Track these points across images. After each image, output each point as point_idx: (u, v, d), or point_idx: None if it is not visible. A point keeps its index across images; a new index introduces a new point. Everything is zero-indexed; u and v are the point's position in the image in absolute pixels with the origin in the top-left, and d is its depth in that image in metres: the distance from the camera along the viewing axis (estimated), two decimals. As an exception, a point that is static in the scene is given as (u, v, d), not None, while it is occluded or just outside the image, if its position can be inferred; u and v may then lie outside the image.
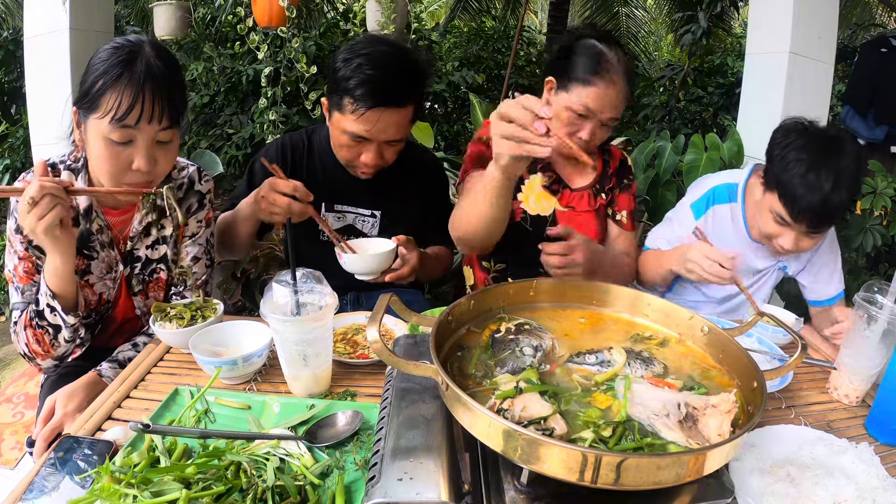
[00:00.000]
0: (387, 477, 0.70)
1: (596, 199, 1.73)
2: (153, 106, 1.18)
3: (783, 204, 1.50)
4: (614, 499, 0.71)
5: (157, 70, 1.20)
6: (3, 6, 5.99)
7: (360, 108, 1.44)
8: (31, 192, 1.07)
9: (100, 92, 1.17)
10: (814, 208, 1.45)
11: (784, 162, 1.49)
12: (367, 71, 1.43)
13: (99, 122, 1.18)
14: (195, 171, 1.48)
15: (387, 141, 1.52)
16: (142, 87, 1.17)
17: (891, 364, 1.05)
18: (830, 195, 1.43)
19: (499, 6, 8.44)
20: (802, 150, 1.48)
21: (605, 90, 1.49)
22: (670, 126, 4.31)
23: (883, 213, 2.53)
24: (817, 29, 2.70)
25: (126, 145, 1.20)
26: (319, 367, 1.07)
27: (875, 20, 8.81)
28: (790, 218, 1.50)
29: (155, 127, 1.21)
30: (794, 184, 1.46)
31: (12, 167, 3.85)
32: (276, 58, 3.20)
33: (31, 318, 1.25)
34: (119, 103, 1.16)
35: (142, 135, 1.20)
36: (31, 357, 1.30)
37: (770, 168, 1.55)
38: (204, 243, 1.48)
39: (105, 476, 0.79)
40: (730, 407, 0.76)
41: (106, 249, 1.37)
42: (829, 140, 1.49)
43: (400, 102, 1.47)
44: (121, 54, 1.19)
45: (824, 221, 1.51)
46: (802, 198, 1.45)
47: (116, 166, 1.22)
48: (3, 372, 2.78)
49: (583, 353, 0.91)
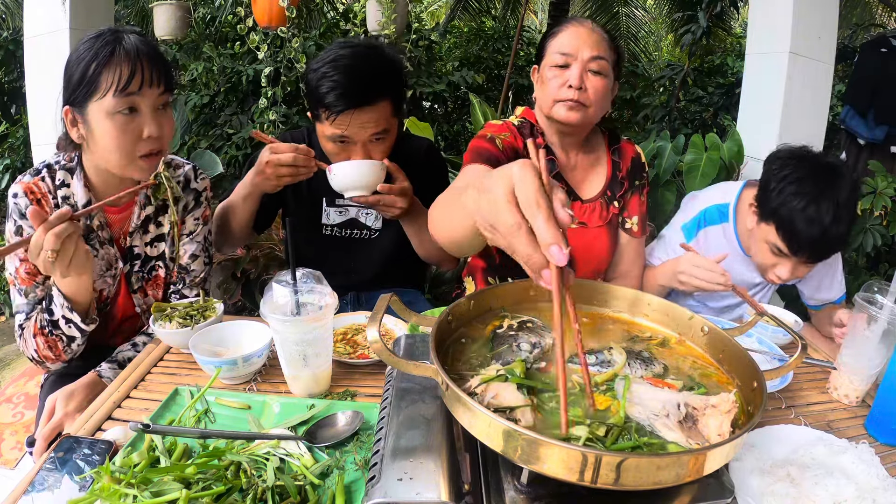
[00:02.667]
0: (387, 477, 0.70)
1: (608, 208, 1.65)
2: (151, 71, 1.24)
3: (781, 237, 1.47)
4: (614, 499, 0.70)
5: (144, 43, 1.27)
6: (3, 6, 5.99)
7: (332, 113, 1.47)
8: (50, 245, 1.05)
9: (96, 73, 1.21)
10: (814, 242, 1.43)
11: (781, 195, 1.46)
12: (333, 77, 1.47)
13: (101, 103, 1.21)
14: (191, 170, 1.49)
15: (370, 139, 1.53)
16: (138, 57, 1.23)
17: (891, 364, 1.05)
18: (830, 228, 1.40)
19: (499, 6, 8.44)
20: (800, 183, 1.44)
21: (575, 29, 1.48)
22: (670, 126, 4.31)
23: (883, 213, 2.53)
24: (817, 29, 2.70)
25: (132, 115, 1.24)
26: (319, 367, 1.07)
27: (875, 20, 8.81)
28: (789, 251, 1.47)
29: (155, 91, 1.26)
30: (793, 218, 1.43)
31: (12, 167, 3.85)
32: (276, 58, 3.20)
33: (43, 327, 1.25)
34: (119, 75, 1.21)
35: (145, 101, 1.25)
36: (40, 361, 1.31)
37: (766, 200, 1.51)
38: (202, 241, 1.49)
39: (105, 476, 0.79)
40: (729, 407, 0.76)
41: (105, 246, 1.37)
42: (825, 170, 1.46)
43: (369, 100, 1.48)
44: (104, 38, 1.24)
45: (824, 254, 1.49)
46: (802, 232, 1.42)
47: (127, 140, 1.25)
48: (3, 372, 2.78)
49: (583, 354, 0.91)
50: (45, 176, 1.33)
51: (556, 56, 1.47)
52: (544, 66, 1.52)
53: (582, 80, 1.45)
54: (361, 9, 3.65)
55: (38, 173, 1.33)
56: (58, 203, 1.33)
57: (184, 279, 1.47)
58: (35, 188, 1.31)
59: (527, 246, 0.63)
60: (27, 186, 1.31)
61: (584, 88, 1.46)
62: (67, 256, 1.09)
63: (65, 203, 1.33)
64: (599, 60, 1.46)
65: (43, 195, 1.32)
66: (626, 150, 1.70)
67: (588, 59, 1.45)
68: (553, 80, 1.48)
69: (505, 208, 0.64)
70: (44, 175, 1.33)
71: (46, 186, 1.32)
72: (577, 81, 1.45)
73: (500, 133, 1.51)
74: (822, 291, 1.78)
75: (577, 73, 1.45)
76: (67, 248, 1.08)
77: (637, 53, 8.08)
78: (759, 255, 1.58)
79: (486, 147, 1.46)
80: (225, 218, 1.63)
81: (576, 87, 1.45)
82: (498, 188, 0.65)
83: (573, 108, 1.47)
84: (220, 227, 1.65)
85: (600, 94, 1.49)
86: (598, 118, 1.56)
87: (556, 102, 1.49)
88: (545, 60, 1.52)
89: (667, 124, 4.34)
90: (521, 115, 1.64)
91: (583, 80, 1.46)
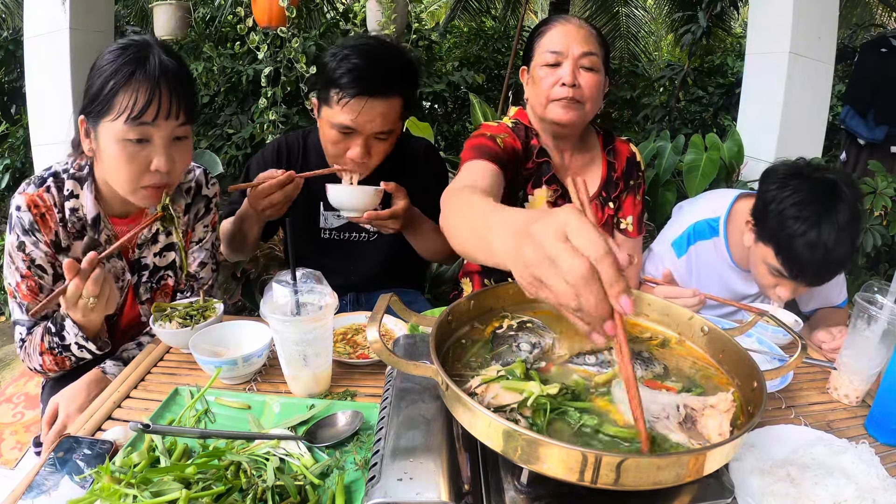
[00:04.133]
0: (387, 477, 0.70)
1: (604, 209, 1.64)
2: (170, 101, 1.16)
3: (781, 262, 1.43)
4: (614, 499, 0.70)
5: (171, 66, 1.17)
6: (3, 6, 5.99)
7: (345, 96, 1.44)
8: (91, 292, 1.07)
9: (112, 93, 1.13)
10: (816, 267, 1.38)
11: (781, 218, 1.40)
12: (353, 60, 1.45)
13: (112, 125, 1.14)
14: (202, 175, 1.46)
15: (374, 135, 1.51)
16: (157, 84, 1.14)
17: (891, 364, 1.05)
18: (833, 252, 1.35)
19: (499, 6, 8.44)
20: (801, 206, 1.38)
21: (563, 27, 1.47)
22: (670, 126, 4.31)
23: (883, 213, 2.53)
24: (817, 29, 2.70)
25: (143, 145, 1.17)
26: (319, 367, 1.07)
27: (875, 20, 8.81)
28: (789, 276, 1.43)
29: (172, 123, 1.18)
30: (793, 244, 1.38)
31: (12, 167, 3.85)
32: (276, 58, 3.20)
33: (52, 348, 1.24)
34: (135, 101, 1.12)
35: (159, 132, 1.17)
36: (43, 373, 1.30)
37: (764, 219, 1.46)
38: (210, 248, 1.48)
39: (105, 476, 0.79)
40: (728, 406, 0.76)
41: (114, 259, 1.35)
42: (826, 188, 1.40)
43: (385, 91, 1.46)
44: (130, 53, 1.15)
45: (825, 278, 1.45)
46: (803, 257, 1.38)
47: (134, 169, 1.18)
48: (3, 372, 2.78)
49: (583, 354, 0.91)
50: (51, 186, 1.26)
51: (547, 55, 1.46)
52: (534, 67, 1.51)
53: (575, 77, 1.44)
54: (361, 9, 3.65)
55: (44, 182, 1.26)
56: (64, 216, 1.27)
57: (192, 287, 1.46)
58: (39, 201, 1.25)
59: (597, 300, 0.57)
60: (31, 199, 1.24)
61: (578, 85, 1.45)
62: (105, 298, 1.10)
63: (73, 215, 1.27)
64: (591, 56, 1.45)
65: (48, 208, 1.25)
66: (622, 149, 1.69)
67: (579, 56, 1.44)
68: (545, 80, 1.47)
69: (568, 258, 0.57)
70: (49, 185, 1.26)
71: (52, 198, 1.26)
72: (570, 78, 1.43)
73: (499, 133, 1.50)
74: (818, 297, 1.76)
75: (569, 70, 1.44)
76: (105, 292, 1.10)
77: (637, 53, 8.08)
78: (758, 275, 1.54)
79: (487, 144, 1.45)
80: (236, 235, 1.64)
81: (569, 84, 1.44)
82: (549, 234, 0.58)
83: (568, 106, 1.46)
84: (231, 243, 1.67)
85: (594, 91, 1.48)
86: (592, 115, 1.55)
87: (550, 102, 1.48)
88: (535, 60, 1.51)
89: (667, 124, 4.34)
90: (514, 117, 1.62)
91: (576, 77, 1.45)
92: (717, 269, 1.69)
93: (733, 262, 1.67)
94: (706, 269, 1.69)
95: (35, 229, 1.24)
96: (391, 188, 1.50)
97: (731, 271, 1.68)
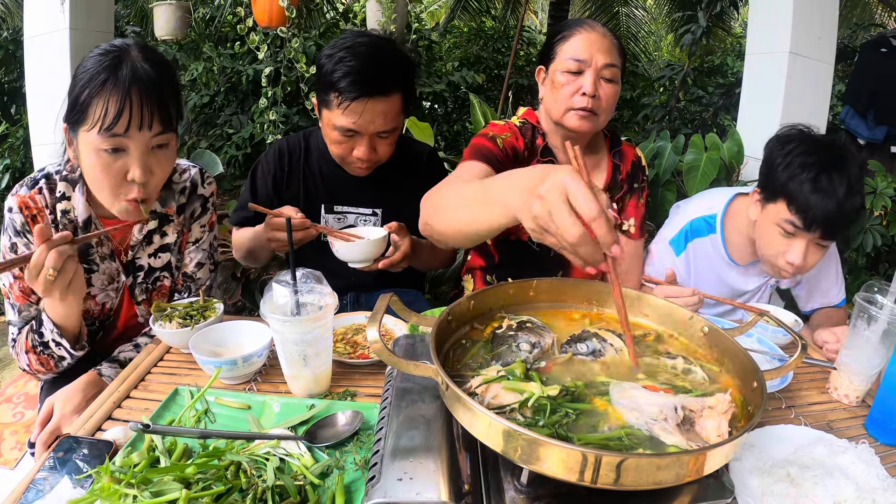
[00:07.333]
0: (387, 477, 0.70)
1: None
2: (142, 112, 1.13)
3: (794, 212, 1.41)
4: (614, 499, 0.71)
5: (144, 73, 1.14)
6: (3, 6, 5.99)
7: (345, 100, 1.44)
8: (52, 263, 1.04)
9: (86, 102, 1.12)
10: (829, 214, 1.37)
11: (790, 169, 1.41)
12: (349, 63, 1.44)
13: (88, 135, 1.13)
14: (197, 174, 1.44)
15: (377, 133, 1.52)
16: (128, 93, 1.11)
17: (891, 364, 1.05)
18: (845, 201, 1.36)
19: (499, 6, 8.43)
20: (809, 155, 1.40)
21: (588, 34, 1.46)
22: (670, 126, 4.31)
23: (883, 213, 2.53)
24: (817, 29, 2.70)
25: (118, 155, 1.15)
26: (319, 367, 1.07)
27: (875, 20, 8.81)
28: (803, 226, 1.41)
29: (147, 134, 1.15)
30: (805, 190, 1.38)
31: (12, 167, 3.84)
32: (276, 58, 3.20)
33: (34, 346, 1.24)
34: (105, 112, 1.10)
35: (134, 143, 1.15)
36: (33, 374, 1.30)
37: (772, 179, 1.46)
38: (207, 248, 1.47)
39: (105, 476, 0.79)
40: (726, 407, 0.76)
41: (106, 261, 1.35)
42: (832, 144, 1.43)
43: (384, 91, 1.46)
44: (105, 60, 1.13)
45: (839, 228, 1.43)
46: (817, 204, 1.37)
47: (112, 180, 1.17)
48: (3, 372, 2.78)
49: (573, 342, 0.91)
50: (43, 187, 1.26)
51: (570, 62, 1.46)
52: (554, 71, 1.51)
53: (596, 88, 1.45)
54: (361, 9, 3.65)
55: (36, 184, 1.26)
56: (55, 218, 1.27)
57: (189, 287, 1.46)
58: (31, 203, 1.25)
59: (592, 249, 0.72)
60: (22, 201, 1.24)
61: (598, 96, 1.46)
62: (67, 277, 1.07)
63: (64, 217, 1.28)
64: (612, 68, 1.47)
65: (39, 210, 1.25)
66: (627, 152, 1.70)
67: (601, 67, 1.45)
68: (566, 87, 1.48)
69: (568, 220, 0.71)
70: (41, 187, 1.26)
71: (43, 200, 1.26)
72: (591, 89, 1.44)
73: (502, 133, 1.51)
74: (818, 292, 1.76)
75: (591, 81, 1.45)
76: (68, 269, 1.07)
77: (637, 53, 8.07)
78: (767, 244, 1.51)
79: (486, 145, 1.47)
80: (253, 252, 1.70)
81: (590, 95, 1.45)
82: (553, 196, 0.72)
83: (585, 117, 1.47)
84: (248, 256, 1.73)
85: (611, 102, 1.50)
86: (605, 125, 1.57)
87: (568, 110, 1.48)
88: (555, 64, 1.50)
89: (667, 124, 4.34)
90: (522, 117, 1.64)
91: (597, 88, 1.46)
92: (715, 265, 1.70)
93: (730, 258, 1.67)
94: (704, 266, 1.69)
95: (27, 231, 1.25)
96: (395, 227, 1.52)
97: (729, 268, 1.69)
